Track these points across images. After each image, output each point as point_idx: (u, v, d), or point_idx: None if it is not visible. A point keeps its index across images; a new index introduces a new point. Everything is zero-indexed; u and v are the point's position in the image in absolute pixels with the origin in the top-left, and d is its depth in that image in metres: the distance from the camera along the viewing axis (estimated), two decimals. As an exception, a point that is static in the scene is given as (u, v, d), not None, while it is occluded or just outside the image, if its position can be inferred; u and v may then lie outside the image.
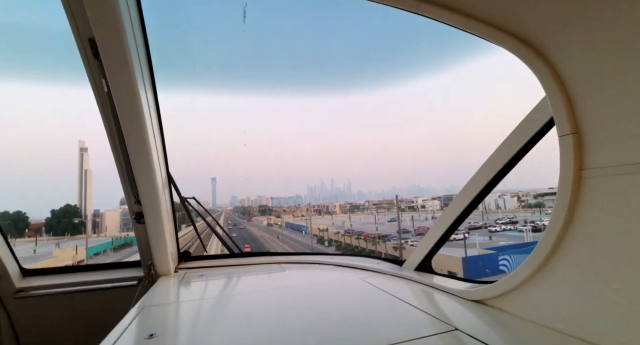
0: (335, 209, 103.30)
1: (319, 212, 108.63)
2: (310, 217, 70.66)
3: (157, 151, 1.43)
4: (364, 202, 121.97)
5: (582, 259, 0.76)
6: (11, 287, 1.62)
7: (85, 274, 1.79)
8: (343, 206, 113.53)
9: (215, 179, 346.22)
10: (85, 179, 72.65)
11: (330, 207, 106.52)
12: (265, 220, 77.23)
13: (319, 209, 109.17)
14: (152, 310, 1.14)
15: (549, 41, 0.75)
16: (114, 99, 1.12)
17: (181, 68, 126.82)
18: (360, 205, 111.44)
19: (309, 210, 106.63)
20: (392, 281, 1.44)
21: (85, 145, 75.50)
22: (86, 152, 75.97)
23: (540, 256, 0.82)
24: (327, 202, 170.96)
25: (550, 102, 0.79)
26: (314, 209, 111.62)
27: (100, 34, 0.97)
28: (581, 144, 0.75)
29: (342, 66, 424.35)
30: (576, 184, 0.76)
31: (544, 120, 0.89)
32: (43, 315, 1.67)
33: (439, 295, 1.19)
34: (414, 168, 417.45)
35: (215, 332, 0.95)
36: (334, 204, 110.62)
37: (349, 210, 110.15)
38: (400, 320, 0.98)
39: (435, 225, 1.31)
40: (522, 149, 0.96)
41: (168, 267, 1.65)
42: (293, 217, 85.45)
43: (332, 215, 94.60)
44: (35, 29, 38.07)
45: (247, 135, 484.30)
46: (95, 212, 68.09)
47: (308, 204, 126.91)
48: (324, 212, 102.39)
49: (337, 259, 1.86)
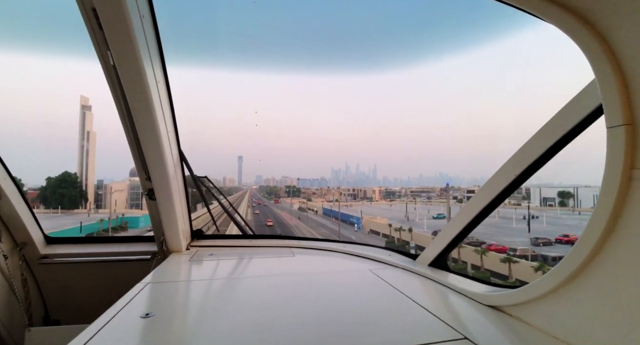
0: (374, 195, 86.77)
1: (354, 196, 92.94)
2: (343, 202, 66.26)
3: (167, 128, 1.55)
4: (399, 189, 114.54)
5: (622, 274, 0.70)
6: (36, 253, 1.83)
7: (104, 245, 2.00)
8: (382, 192, 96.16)
9: (241, 157, 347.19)
10: (87, 142, 63.84)
11: (368, 192, 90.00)
12: (296, 202, 71.85)
13: (355, 193, 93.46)
14: (156, 287, 1.26)
15: (601, 9, 0.67)
16: (119, 73, 1.21)
17: (194, 42, 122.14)
18: (395, 192, 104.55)
19: (342, 193, 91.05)
20: (403, 276, 1.48)
21: (89, 102, 66.68)
22: (89, 111, 67.10)
23: (572, 265, 0.78)
24: (362, 186, 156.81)
25: (599, 85, 0.70)
26: (348, 193, 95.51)
27: (101, 3, 1.02)
28: (635, 138, 0.66)
29: (364, 43, 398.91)
30: (624, 185, 0.68)
31: (590, 108, 0.81)
32: (65, 282, 1.91)
33: (451, 296, 1.20)
34: (441, 156, 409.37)
35: (217, 316, 1.00)
36: (373, 189, 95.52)
37: (384, 196, 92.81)
38: (405, 321, 0.99)
39: (455, 219, 1.32)
40: (559, 141, 0.91)
41: (179, 244, 1.81)
42: (325, 201, 77.94)
43: (370, 201, 79.31)
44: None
45: (271, 115, 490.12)
46: (98, 183, 60.64)
47: (338, 187, 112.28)
48: (360, 197, 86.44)
49: (348, 247, 1.96)
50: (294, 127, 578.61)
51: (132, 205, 56.42)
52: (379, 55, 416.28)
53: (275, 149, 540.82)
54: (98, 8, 1.02)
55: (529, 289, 0.91)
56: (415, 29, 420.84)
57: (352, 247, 1.96)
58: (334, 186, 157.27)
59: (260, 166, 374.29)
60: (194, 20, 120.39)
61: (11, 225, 1.71)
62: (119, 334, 0.87)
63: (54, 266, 1.85)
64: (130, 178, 65.47)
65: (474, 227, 1.27)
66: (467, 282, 1.26)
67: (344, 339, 0.88)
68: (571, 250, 0.79)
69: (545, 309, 0.88)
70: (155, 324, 0.93)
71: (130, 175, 67.47)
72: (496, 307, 1.04)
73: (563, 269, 0.81)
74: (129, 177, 65.93)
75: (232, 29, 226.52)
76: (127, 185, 57.49)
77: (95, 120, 66.59)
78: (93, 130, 66.64)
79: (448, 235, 1.36)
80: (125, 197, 56.18)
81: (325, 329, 0.93)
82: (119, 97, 1.37)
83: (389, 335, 0.89)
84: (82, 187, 54.83)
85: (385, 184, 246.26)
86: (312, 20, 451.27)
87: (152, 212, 1.79)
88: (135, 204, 56.97)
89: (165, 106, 1.51)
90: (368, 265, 1.63)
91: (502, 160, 1.11)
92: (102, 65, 1.30)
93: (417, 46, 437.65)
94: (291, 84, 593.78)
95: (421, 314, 1.03)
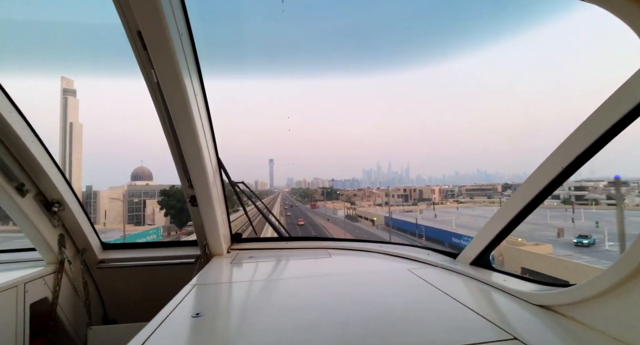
0: (433, 195, 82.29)
1: (405, 198, 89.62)
2: (397, 206, 66.95)
3: (206, 137, 1.84)
4: (451, 187, 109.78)
5: None
6: (94, 258, 2.25)
7: (153, 250, 2.41)
8: (443, 192, 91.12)
9: (272, 160, 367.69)
10: (70, 136, 50.74)
11: (426, 192, 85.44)
12: (340, 207, 66.61)
13: (406, 194, 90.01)
14: (202, 289, 1.50)
15: None
16: (162, 88, 1.44)
17: (226, 54, 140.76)
18: (447, 191, 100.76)
19: (389, 194, 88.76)
20: (444, 275, 1.61)
21: (74, 85, 54.69)
22: (73, 96, 53.83)
23: (632, 262, 0.83)
24: (416, 185, 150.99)
25: None
26: (398, 194, 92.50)
27: (145, 26, 1.23)
28: None
29: (391, 41, 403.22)
30: None
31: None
32: (119, 284, 2.33)
33: (497, 296, 1.30)
34: (478, 152, 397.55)
35: (260, 315, 1.18)
36: (432, 188, 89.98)
37: (445, 197, 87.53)
38: (449, 320, 1.08)
39: (497, 215, 1.42)
40: (608, 132, 0.95)
41: (221, 247, 2.15)
42: (372, 204, 75.99)
43: (431, 203, 74.71)
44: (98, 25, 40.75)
45: (299, 118, 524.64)
46: (87, 190, 48.32)
47: (387, 188, 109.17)
48: (415, 199, 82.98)
49: (384, 247, 2.16)
50: (324, 128, 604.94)
51: (132, 219, 47.12)
52: (408, 52, 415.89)
53: (305, 151, 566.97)
54: (143, 30, 1.25)
55: (585, 286, 0.98)
56: (445, 24, 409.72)
57: (388, 246, 2.20)
58: (366, 186, 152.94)
59: (291, 168, 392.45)
60: (225, 33, 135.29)
61: (73, 233, 2.16)
62: (174, 332, 1.06)
63: (110, 270, 2.30)
64: (132, 182, 55.71)
65: (518, 224, 1.36)
66: (513, 281, 1.35)
67: (388, 337, 0.97)
68: (631, 246, 0.83)
69: (603, 308, 0.93)
70: (204, 323, 1.12)
71: (133, 179, 59.05)
72: (547, 306, 1.12)
73: (622, 266, 0.85)
74: (131, 181, 56.57)
75: (261, 37, 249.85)
76: (124, 193, 48.89)
77: (82, 110, 51.16)
78: (78, 121, 52.77)
79: (490, 232, 1.45)
80: (122, 208, 47.60)
81: (368, 327, 1.04)
82: (162, 111, 1.63)
83: (435, 335, 0.98)
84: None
85: (419, 182, 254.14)
86: (339, 23, 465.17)
87: (195, 217, 2.15)
88: (135, 217, 46.81)
89: (204, 117, 1.81)
90: (406, 265, 1.80)
91: (545, 154, 1.18)
92: (146, 83, 1.56)
93: (449, 41, 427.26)
94: (319, 87, 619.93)
95: (466, 313, 1.12)
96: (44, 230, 1.91)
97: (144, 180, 62.49)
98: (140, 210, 49.75)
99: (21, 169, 1.74)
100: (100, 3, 1.45)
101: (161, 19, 1.19)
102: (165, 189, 44.80)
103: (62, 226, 2.04)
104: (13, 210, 1.77)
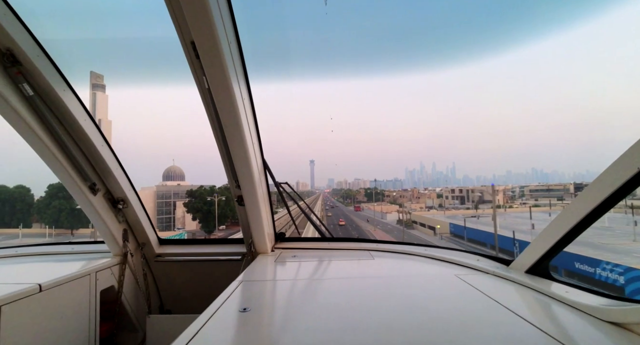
0: (497, 197, 68.90)
1: (461, 200, 76.94)
2: (456, 209, 59.12)
3: (252, 140, 1.98)
4: (510, 187, 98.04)
5: None
6: (152, 252, 2.49)
7: (203, 246, 2.58)
8: (507, 192, 76.78)
9: (313, 161, 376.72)
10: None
11: (486, 193, 72.14)
12: (391, 210, 59.95)
13: (462, 195, 77.23)
14: (249, 285, 1.58)
15: None
16: (213, 94, 1.56)
17: (271, 59, 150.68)
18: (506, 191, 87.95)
19: (442, 196, 77.19)
20: (496, 283, 1.56)
21: (103, 81, 54.59)
22: (102, 92, 54.18)
23: None
24: (441, 186, 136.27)
25: None
26: (452, 195, 79.87)
27: (198, 36, 1.35)
28: None
29: (433, 38, 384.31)
30: None
31: None
32: (174, 277, 2.55)
33: (558, 308, 1.23)
34: (533, 149, 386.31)
35: (302, 314, 1.23)
36: (496, 188, 75.83)
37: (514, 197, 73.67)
38: (504, 333, 1.02)
39: (558, 219, 1.35)
40: None
41: (265, 246, 2.28)
42: (424, 207, 70.41)
43: (495, 207, 62.01)
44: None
45: (339, 119, 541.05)
46: None
47: (439, 188, 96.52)
48: (473, 201, 70.16)
49: (429, 251, 2.17)
50: (366, 128, 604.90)
51: (161, 222, 46.44)
52: (450, 49, 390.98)
53: (347, 151, 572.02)
54: (196, 41, 1.36)
55: None
56: (492, 18, 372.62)
57: (434, 250, 2.17)
58: (409, 187, 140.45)
59: (332, 169, 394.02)
60: (269, 38, 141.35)
61: (135, 229, 2.39)
62: (224, 325, 1.15)
63: (166, 263, 2.50)
64: (163, 183, 55.29)
65: (584, 229, 1.28)
66: (577, 293, 1.27)
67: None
68: None
69: None
70: (251, 318, 1.20)
71: (164, 179, 58.78)
72: (620, 324, 1.03)
73: None
74: (162, 181, 57.11)
75: (304, 40, 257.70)
76: (154, 194, 48.47)
77: (111, 106, 53.85)
78: (107, 118, 53.36)
79: (550, 238, 1.37)
80: (152, 209, 47.94)
81: (414, 333, 1.04)
82: (213, 115, 1.76)
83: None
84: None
85: (466, 183, 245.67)
86: (382, 23, 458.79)
87: (242, 216, 2.31)
88: (164, 220, 46.20)
89: (250, 120, 1.90)
90: (453, 270, 1.77)
91: (618, 151, 1.08)
92: (198, 89, 1.70)
93: (495, 36, 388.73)
94: (360, 87, 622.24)
95: (523, 326, 1.06)
96: (111, 225, 2.15)
97: (175, 181, 62.30)
98: (170, 212, 48.87)
99: (93, 170, 1.99)
100: (157, 19, 1.65)
101: (213, 30, 1.29)
102: (192, 189, 41.27)
103: (125, 222, 2.28)
104: (87, 206, 2.01)
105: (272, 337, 1.05)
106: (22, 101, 1.56)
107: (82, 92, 1.84)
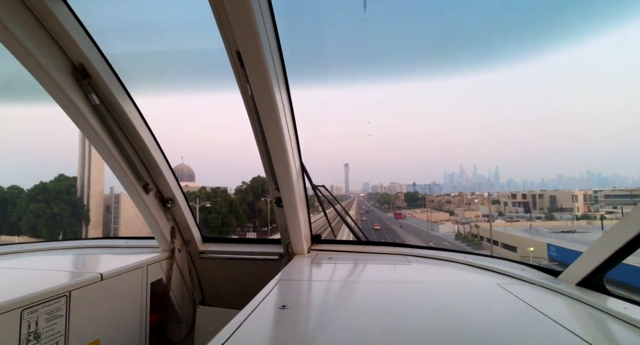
0: (576, 203, 56.19)
1: (526, 207, 64.74)
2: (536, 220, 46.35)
3: (291, 144, 2.07)
4: (575, 192, 73.89)
5: None
6: (196, 249, 2.64)
7: (243, 245, 2.73)
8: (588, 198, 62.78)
9: (347, 164, 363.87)
10: None
11: (563, 199, 59.45)
12: (440, 219, 54.76)
13: (526, 201, 65.03)
14: (286, 284, 1.67)
15: None
16: (255, 100, 1.66)
17: (310, 65, 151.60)
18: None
19: (501, 202, 66.12)
20: (543, 294, 1.49)
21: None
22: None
23: None
24: (483, 190, 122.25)
25: None
26: (513, 201, 67.63)
27: (243, 46, 1.43)
28: None
29: (473, 41, 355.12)
30: None
31: None
32: (215, 273, 2.70)
33: (616, 326, 1.14)
34: (586, 151, 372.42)
35: (338, 314, 1.27)
36: (574, 193, 62.58)
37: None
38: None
39: (617, 227, 1.27)
40: None
41: (302, 247, 2.37)
42: (480, 215, 58.01)
43: (573, 217, 49.87)
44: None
45: (376, 121, 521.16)
46: (109, 195, 42.71)
47: (497, 193, 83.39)
48: (541, 209, 57.85)
49: (469, 258, 2.15)
50: (402, 131, 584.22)
51: None
52: (491, 51, 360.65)
53: (382, 155, 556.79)
54: (241, 50, 1.45)
55: None
56: (534, 19, 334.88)
57: (474, 258, 2.15)
58: (451, 192, 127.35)
59: (366, 173, 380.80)
60: (309, 46, 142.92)
61: (181, 226, 2.57)
62: (264, 320, 1.22)
63: (208, 260, 2.65)
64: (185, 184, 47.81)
65: None
66: (639, 310, 1.17)
67: None
68: None
69: None
70: (289, 315, 1.25)
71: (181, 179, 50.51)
72: None
73: None
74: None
75: (343, 45, 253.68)
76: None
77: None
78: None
79: (606, 248, 1.28)
80: None
81: (450, 339, 1.03)
82: (255, 121, 1.85)
83: None
84: (82, 198, 37.36)
85: (510, 188, 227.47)
86: (421, 27, 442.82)
87: (280, 217, 2.39)
88: None
89: (290, 125, 1.98)
90: (495, 279, 1.72)
91: None
92: (242, 96, 1.80)
93: (540, 36, 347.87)
94: (400, 89, 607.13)
95: (574, 341, 1.00)
96: (160, 222, 2.33)
97: (183, 182, 56.42)
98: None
99: (146, 171, 2.18)
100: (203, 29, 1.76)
101: (257, 40, 1.36)
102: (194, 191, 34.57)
103: (173, 220, 2.45)
104: (140, 204, 2.19)
105: (309, 333, 1.11)
106: (90, 109, 1.75)
107: (138, 100, 2.01)
